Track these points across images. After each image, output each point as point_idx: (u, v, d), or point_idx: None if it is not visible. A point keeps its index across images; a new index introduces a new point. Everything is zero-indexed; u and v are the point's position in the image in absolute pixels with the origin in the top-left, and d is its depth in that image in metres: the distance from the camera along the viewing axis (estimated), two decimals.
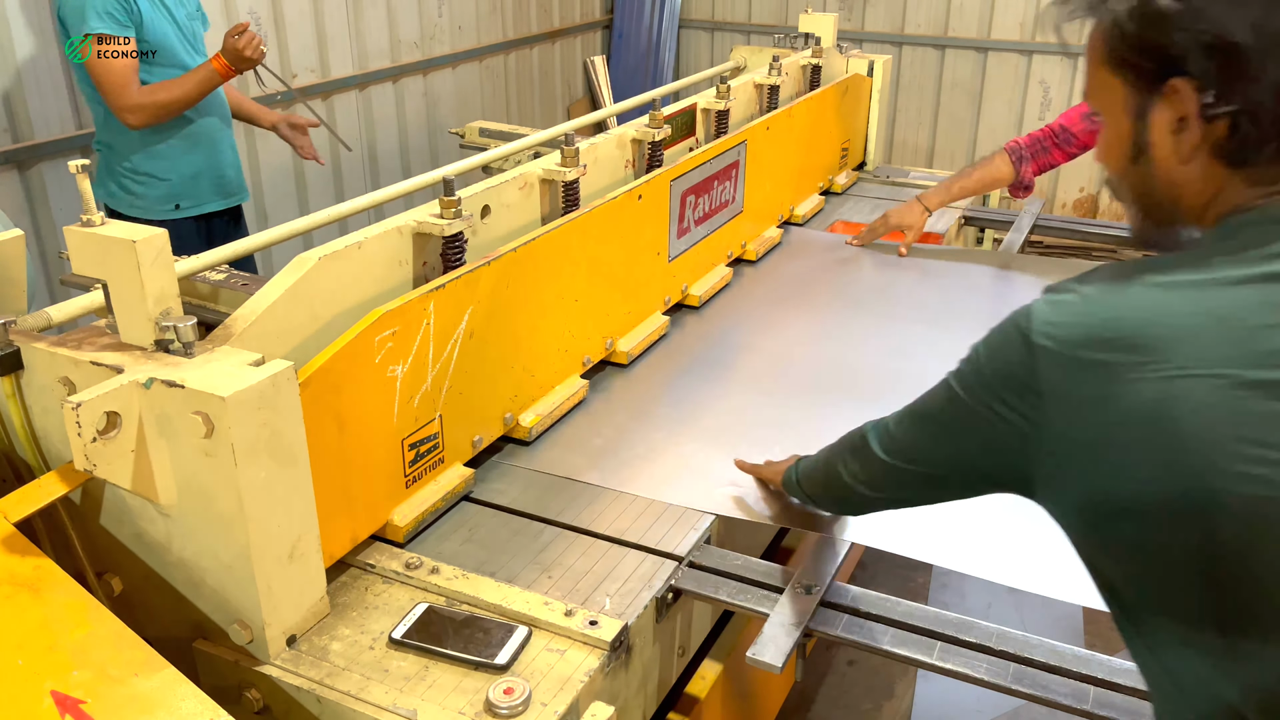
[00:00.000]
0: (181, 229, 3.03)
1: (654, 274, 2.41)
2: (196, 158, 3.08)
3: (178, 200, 3.05)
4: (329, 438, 1.47)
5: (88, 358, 1.34)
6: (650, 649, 1.56)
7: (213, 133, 3.12)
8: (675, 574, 1.60)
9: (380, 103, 4.88)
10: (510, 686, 1.30)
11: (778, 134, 2.98)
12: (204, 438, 1.25)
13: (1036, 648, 1.45)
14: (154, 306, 1.34)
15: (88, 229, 1.33)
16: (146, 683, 1.14)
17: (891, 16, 6.08)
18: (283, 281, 1.51)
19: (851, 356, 2.38)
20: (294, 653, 1.40)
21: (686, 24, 6.79)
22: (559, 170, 2.06)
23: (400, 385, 1.61)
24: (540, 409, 2.00)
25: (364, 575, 1.58)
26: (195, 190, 3.10)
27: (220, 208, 3.20)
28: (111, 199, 3.02)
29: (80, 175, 1.35)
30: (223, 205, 3.21)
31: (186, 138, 3.04)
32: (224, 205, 3.21)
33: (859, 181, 3.73)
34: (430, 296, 1.65)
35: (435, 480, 1.74)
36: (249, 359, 1.32)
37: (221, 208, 3.20)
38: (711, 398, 2.17)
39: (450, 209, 1.75)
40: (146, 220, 2.93)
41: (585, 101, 6.69)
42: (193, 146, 3.07)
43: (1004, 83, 5.87)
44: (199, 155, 3.09)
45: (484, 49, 5.56)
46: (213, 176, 3.14)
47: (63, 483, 1.37)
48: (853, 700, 2.69)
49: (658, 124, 2.41)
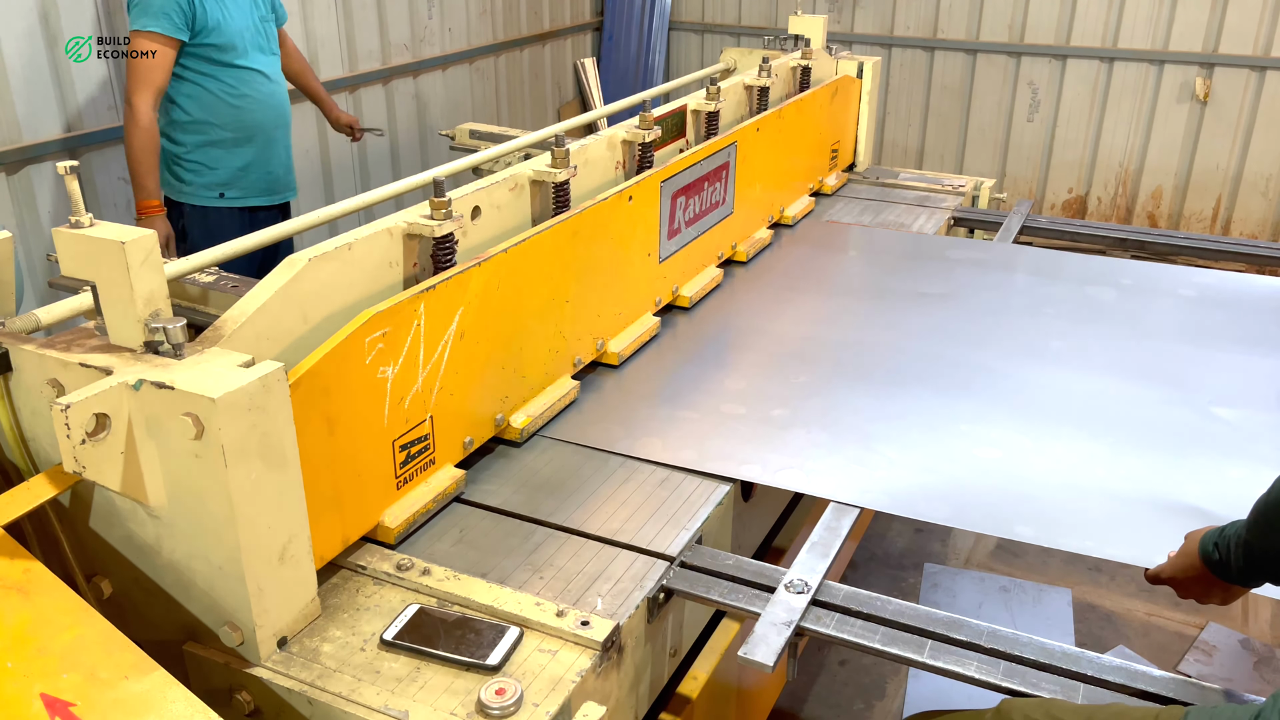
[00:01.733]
0: (225, 217, 3.23)
1: (645, 275, 2.41)
2: (247, 152, 3.23)
3: (223, 189, 3.19)
4: (319, 439, 1.47)
5: (76, 359, 1.34)
6: (642, 649, 1.56)
7: (268, 131, 3.28)
8: (667, 574, 1.61)
9: (370, 105, 4.87)
10: (502, 687, 1.30)
11: (768, 135, 2.98)
12: (194, 439, 1.25)
13: (1026, 646, 1.45)
14: (143, 308, 1.34)
15: (76, 230, 1.33)
16: (136, 685, 1.14)
17: (881, 18, 6.10)
18: (273, 283, 1.51)
19: (846, 342, 2.40)
20: (285, 655, 1.40)
21: (676, 26, 6.80)
22: (549, 171, 2.06)
23: (391, 386, 1.61)
24: (531, 410, 2.00)
25: (355, 577, 1.57)
26: (242, 182, 3.24)
27: (266, 203, 3.34)
28: (166, 186, 3.16)
29: (69, 177, 1.35)
30: (268, 201, 3.35)
31: (240, 132, 3.20)
32: (270, 201, 3.35)
33: (849, 183, 3.74)
34: (421, 298, 1.65)
35: (426, 481, 1.74)
36: (239, 360, 1.32)
37: (267, 203, 3.34)
38: (704, 397, 2.17)
39: (440, 210, 1.75)
40: (193, 205, 3.16)
41: (576, 104, 6.69)
42: (245, 141, 3.22)
43: (993, 84, 5.89)
44: (249, 150, 3.24)
45: (474, 51, 5.55)
46: (261, 172, 3.29)
47: (52, 485, 1.37)
48: (844, 699, 2.70)
49: (648, 125, 2.41)
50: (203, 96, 3.13)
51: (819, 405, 2.13)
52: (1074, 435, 2.03)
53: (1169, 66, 5.43)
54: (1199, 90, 5.36)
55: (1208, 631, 2.88)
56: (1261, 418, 2.09)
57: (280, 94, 3.33)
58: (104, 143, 3.66)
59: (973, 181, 3.74)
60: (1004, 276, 2.87)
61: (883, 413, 2.10)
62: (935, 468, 1.90)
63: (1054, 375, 2.28)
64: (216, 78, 3.12)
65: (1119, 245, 3.34)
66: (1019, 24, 5.71)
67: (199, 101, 3.13)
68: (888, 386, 2.22)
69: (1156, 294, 2.73)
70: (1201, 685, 1.39)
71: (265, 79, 3.26)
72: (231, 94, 3.17)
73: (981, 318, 2.58)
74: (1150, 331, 2.50)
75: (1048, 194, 5.98)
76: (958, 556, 3.26)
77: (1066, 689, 1.39)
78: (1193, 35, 5.33)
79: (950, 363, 2.34)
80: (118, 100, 3.71)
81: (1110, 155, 5.72)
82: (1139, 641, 2.84)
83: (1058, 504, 1.80)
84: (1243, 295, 2.72)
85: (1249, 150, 5.39)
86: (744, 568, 1.64)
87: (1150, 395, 2.19)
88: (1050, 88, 5.74)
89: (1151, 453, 1.96)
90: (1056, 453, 1.96)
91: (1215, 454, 1.96)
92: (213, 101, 3.14)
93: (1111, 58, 5.54)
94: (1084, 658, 1.43)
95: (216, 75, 3.12)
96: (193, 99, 3.12)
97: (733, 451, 1.94)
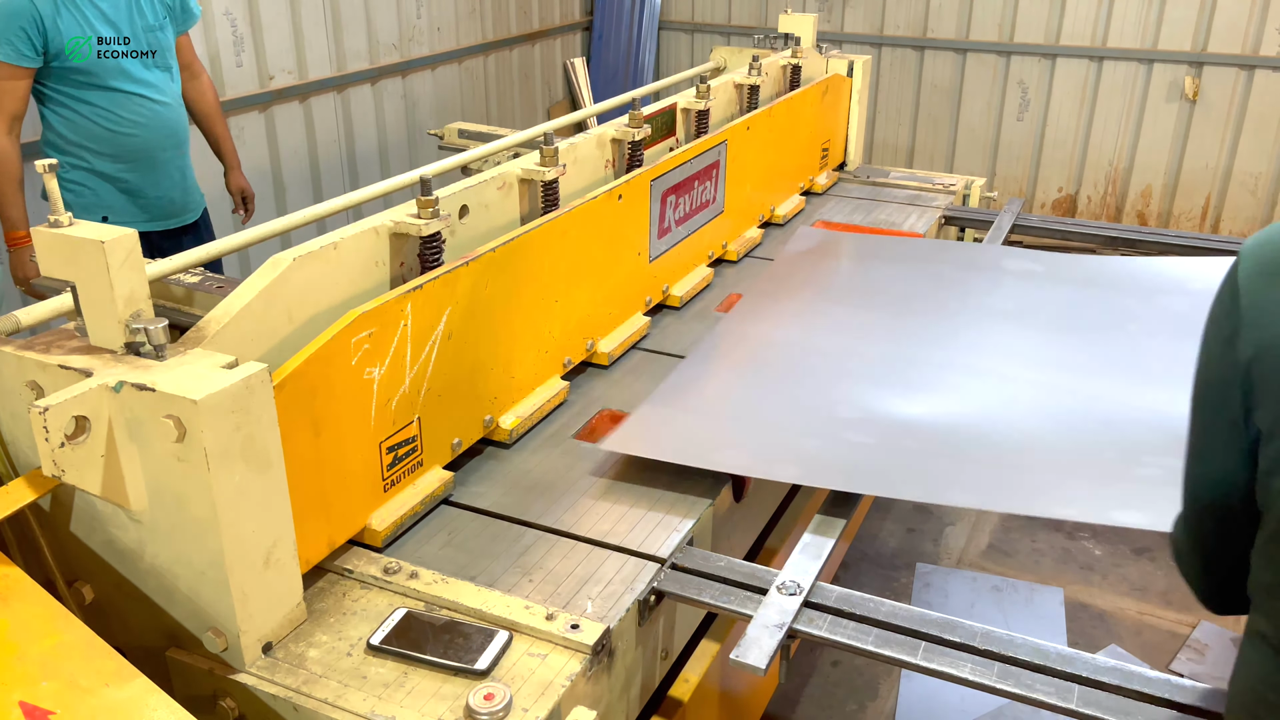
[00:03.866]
0: None
1: (635, 274, 2.39)
2: (130, 178, 2.95)
3: (106, 214, 2.91)
4: (305, 441, 1.45)
5: (56, 361, 1.31)
6: (633, 652, 1.55)
7: (152, 154, 2.97)
8: (657, 576, 1.59)
9: (359, 105, 4.85)
10: (491, 692, 1.29)
11: (758, 134, 2.97)
12: (176, 442, 1.23)
13: (1020, 646, 1.44)
14: (124, 308, 1.32)
15: (55, 230, 1.31)
16: (118, 693, 1.12)
17: (870, 18, 6.10)
18: (257, 283, 1.49)
19: (838, 346, 2.38)
20: (270, 660, 1.37)
21: (666, 25, 6.79)
22: (538, 170, 2.05)
23: (377, 387, 1.59)
24: (520, 411, 1.98)
25: (342, 581, 1.55)
26: (128, 208, 2.96)
27: (160, 228, 3.04)
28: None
29: (48, 175, 1.33)
30: (161, 227, 3.05)
31: (119, 157, 2.91)
32: (163, 226, 3.06)
33: (839, 181, 3.73)
34: (408, 297, 1.63)
35: (414, 484, 1.72)
36: (222, 361, 1.30)
37: (161, 228, 3.05)
38: (694, 397, 2.15)
39: (427, 209, 1.73)
40: None
41: (566, 103, 6.67)
42: (126, 168, 2.93)
43: (983, 83, 5.90)
44: (132, 176, 2.95)
45: (463, 50, 5.53)
46: (150, 197, 3.00)
47: (31, 489, 1.34)
48: (837, 701, 2.69)
49: (638, 124, 2.39)
50: (74, 119, 2.84)
51: (817, 403, 2.12)
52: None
53: (1158, 66, 5.44)
54: (1188, 89, 5.38)
55: (1200, 630, 2.88)
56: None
57: (168, 113, 2.99)
58: None
59: (964, 180, 3.74)
60: (993, 281, 2.86)
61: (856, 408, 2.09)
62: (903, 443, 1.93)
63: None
64: (86, 100, 2.82)
65: (1110, 244, 3.34)
66: (1009, 23, 5.71)
67: (71, 124, 2.84)
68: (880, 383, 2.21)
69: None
70: (1195, 685, 1.38)
71: (146, 100, 2.92)
72: (105, 118, 2.86)
73: (951, 319, 2.57)
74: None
75: (1038, 193, 5.99)
76: (950, 556, 3.25)
77: (1061, 690, 1.38)
78: (1181, 34, 5.34)
79: (924, 363, 2.33)
80: None
81: (1100, 154, 5.73)
82: (1131, 640, 2.84)
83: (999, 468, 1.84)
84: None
85: (1238, 149, 5.40)
86: (735, 569, 1.62)
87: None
88: (1040, 87, 5.74)
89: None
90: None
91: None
92: (85, 125, 2.85)
93: (1101, 57, 5.55)
94: (1079, 659, 1.42)
95: (85, 98, 2.82)
96: (65, 121, 2.84)
97: (720, 447, 1.93)
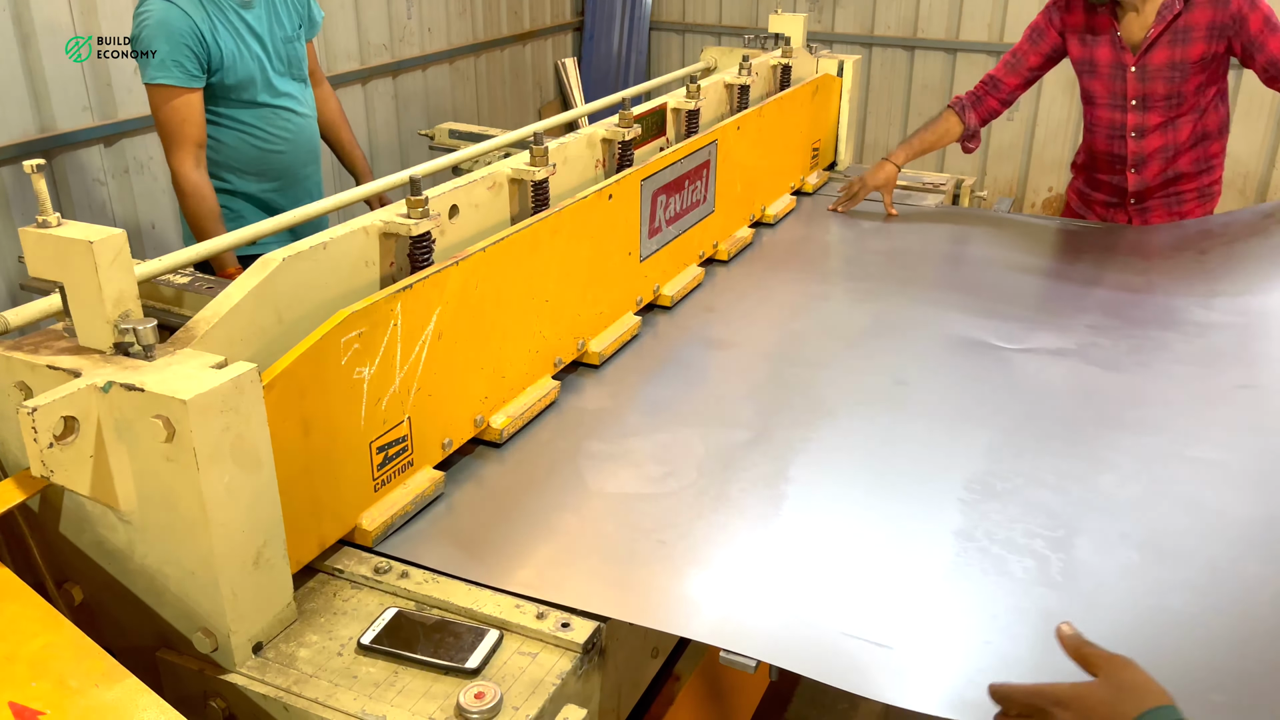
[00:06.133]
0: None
1: (625, 274, 2.40)
2: (274, 196, 2.98)
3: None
4: (294, 441, 1.45)
5: (44, 361, 1.31)
6: (623, 651, 1.55)
7: (294, 170, 3.01)
8: None
9: (349, 105, 4.83)
10: (481, 691, 1.29)
11: (748, 134, 2.98)
12: (165, 442, 1.23)
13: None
14: (112, 309, 1.32)
15: (43, 230, 1.30)
16: (108, 693, 1.12)
17: (861, 18, 6.11)
18: (247, 282, 1.49)
19: (828, 337, 2.39)
20: (260, 660, 1.37)
21: (657, 26, 6.80)
22: (528, 170, 2.05)
23: (367, 387, 1.59)
24: (511, 410, 1.98)
25: (332, 580, 1.55)
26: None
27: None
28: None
29: (36, 175, 1.32)
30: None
31: (264, 177, 2.94)
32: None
33: (830, 181, 3.73)
34: (398, 297, 1.63)
35: (404, 483, 1.72)
36: (211, 361, 1.30)
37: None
38: (684, 397, 2.16)
39: (417, 209, 1.73)
40: (240, 256, 2.68)
41: (557, 103, 6.67)
42: (273, 185, 2.97)
43: (973, 83, 5.88)
44: (278, 193, 2.99)
45: (454, 51, 5.53)
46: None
47: (19, 490, 1.34)
48: (829, 699, 2.69)
49: (628, 123, 2.40)
50: (222, 139, 2.84)
51: (808, 399, 2.12)
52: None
53: None
54: None
55: None
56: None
57: (310, 126, 3.03)
58: (77, 144, 3.63)
59: (954, 179, 3.75)
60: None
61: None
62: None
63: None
64: (234, 118, 2.83)
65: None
66: (998, 23, 5.73)
67: (216, 145, 2.83)
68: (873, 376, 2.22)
69: None
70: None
71: (291, 114, 2.95)
72: (254, 134, 2.88)
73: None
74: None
75: (1028, 192, 6.01)
76: None
77: None
78: None
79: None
80: (92, 101, 3.67)
81: None
82: None
83: None
84: None
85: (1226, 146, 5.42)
86: None
87: None
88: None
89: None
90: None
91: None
92: (233, 143, 2.85)
93: None
94: None
95: (235, 115, 2.82)
96: (211, 142, 2.82)
97: (721, 457, 1.93)
